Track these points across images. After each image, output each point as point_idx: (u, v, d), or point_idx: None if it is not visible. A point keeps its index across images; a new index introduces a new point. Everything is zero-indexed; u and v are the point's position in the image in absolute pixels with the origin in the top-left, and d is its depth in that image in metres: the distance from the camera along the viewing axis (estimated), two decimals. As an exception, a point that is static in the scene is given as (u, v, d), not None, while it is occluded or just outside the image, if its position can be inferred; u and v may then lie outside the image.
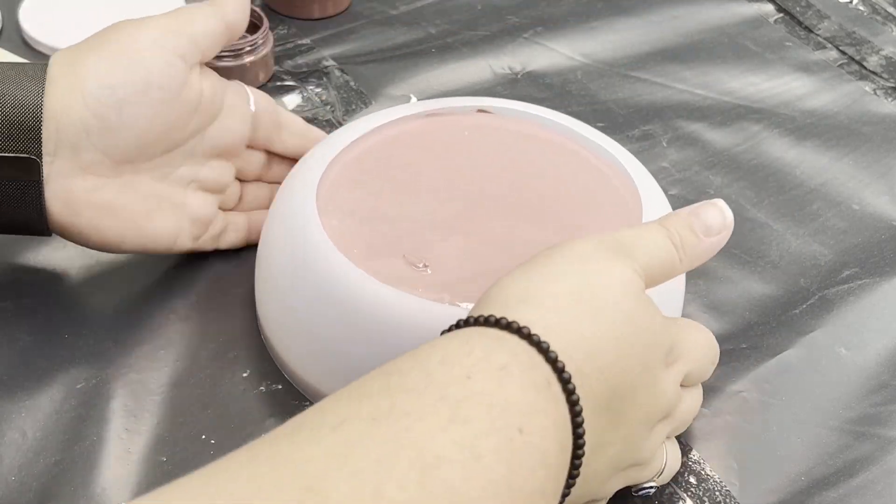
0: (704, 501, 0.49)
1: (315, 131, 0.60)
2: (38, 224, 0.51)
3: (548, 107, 0.59)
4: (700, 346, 0.45)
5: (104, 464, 0.48)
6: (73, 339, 0.53)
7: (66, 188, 0.50)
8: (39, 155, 0.49)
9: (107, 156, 0.50)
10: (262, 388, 0.52)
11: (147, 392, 0.51)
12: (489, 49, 0.76)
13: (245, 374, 0.53)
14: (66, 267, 0.57)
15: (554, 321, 0.38)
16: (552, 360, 0.37)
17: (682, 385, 0.45)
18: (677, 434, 0.47)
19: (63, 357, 0.52)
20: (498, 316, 0.37)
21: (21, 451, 0.48)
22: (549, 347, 0.37)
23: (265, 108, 0.57)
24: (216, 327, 0.55)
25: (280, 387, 0.52)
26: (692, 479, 0.49)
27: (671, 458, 0.46)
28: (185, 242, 0.55)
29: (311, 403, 0.51)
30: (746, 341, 0.56)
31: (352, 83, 0.72)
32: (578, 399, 0.37)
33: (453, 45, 0.76)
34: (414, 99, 0.71)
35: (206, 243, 0.57)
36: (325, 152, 0.54)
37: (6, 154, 0.48)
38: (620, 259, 0.41)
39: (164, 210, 0.53)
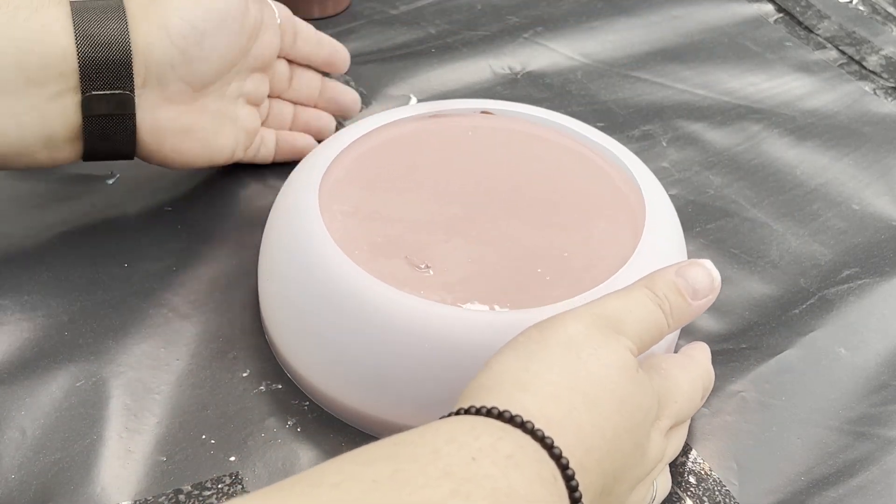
0: (704, 501, 0.49)
1: (325, 38, 0.63)
2: (126, 152, 0.55)
3: (547, 107, 0.60)
4: (684, 391, 0.45)
5: (104, 463, 0.48)
6: (73, 337, 0.53)
7: (153, 118, 0.54)
8: (132, 90, 0.52)
9: (188, 85, 0.54)
10: (262, 387, 0.52)
11: (147, 391, 0.51)
12: (489, 49, 0.76)
13: (245, 374, 0.53)
14: (65, 265, 0.57)
15: (554, 414, 0.38)
16: (556, 457, 0.37)
17: (670, 429, 0.45)
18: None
19: (63, 355, 0.52)
20: (501, 408, 0.37)
21: (21, 449, 0.48)
22: (552, 444, 0.37)
23: (286, 19, 0.60)
24: (216, 327, 0.55)
25: (280, 386, 0.52)
26: (692, 479, 0.49)
27: (661, 488, 0.46)
28: (239, 153, 0.59)
29: (312, 403, 0.51)
30: (746, 341, 0.56)
31: (352, 83, 0.72)
32: (581, 496, 0.37)
33: (453, 45, 0.76)
34: (414, 99, 0.71)
35: (248, 155, 0.61)
36: (328, 152, 0.54)
37: (103, 92, 0.51)
38: (613, 338, 0.41)
39: (226, 125, 0.57)
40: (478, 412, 0.37)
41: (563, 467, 0.37)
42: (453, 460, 0.34)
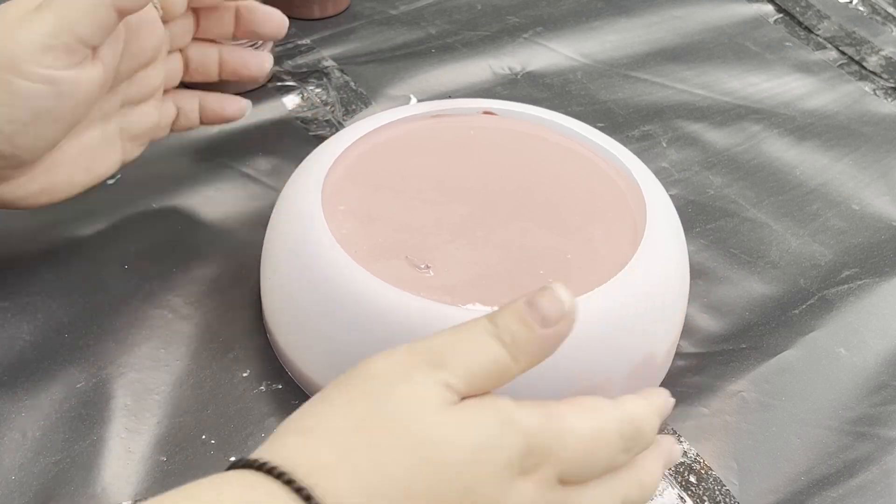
0: (704, 501, 0.49)
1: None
2: None
3: (547, 107, 0.60)
4: (582, 438, 0.39)
5: (104, 463, 0.48)
6: (73, 339, 0.53)
7: None
8: None
9: (24, 161, 0.49)
10: (262, 387, 0.52)
11: (147, 391, 0.51)
12: (489, 49, 0.76)
13: (245, 374, 0.53)
14: (66, 266, 0.57)
15: (326, 458, 0.35)
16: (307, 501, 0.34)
17: (572, 483, 0.39)
18: None
19: (63, 357, 0.52)
20: (265, 457, 0.35)
21: (21, 450, 0.48)
22: (310, 494, 0.34)
23: None
24: (216, 327, 0.55)
25: (280, 386, 0.52)
26: (692, 479, 0.50)
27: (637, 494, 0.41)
28: (134, 151, 0.56)
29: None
30: (746, 341, 0.56)
31: (352, 83, 0.72)
32: None
33: (453, 45, 0.76)
34: (414, 99, 0.71)
35: (157, 135, 0.57)
36: (330, 152, 0.54)
37: None
38: (423, 373, 0.37)
39: (107, 146, 0.53)
40: (233, 466, 0.35)
41: None
42: None
